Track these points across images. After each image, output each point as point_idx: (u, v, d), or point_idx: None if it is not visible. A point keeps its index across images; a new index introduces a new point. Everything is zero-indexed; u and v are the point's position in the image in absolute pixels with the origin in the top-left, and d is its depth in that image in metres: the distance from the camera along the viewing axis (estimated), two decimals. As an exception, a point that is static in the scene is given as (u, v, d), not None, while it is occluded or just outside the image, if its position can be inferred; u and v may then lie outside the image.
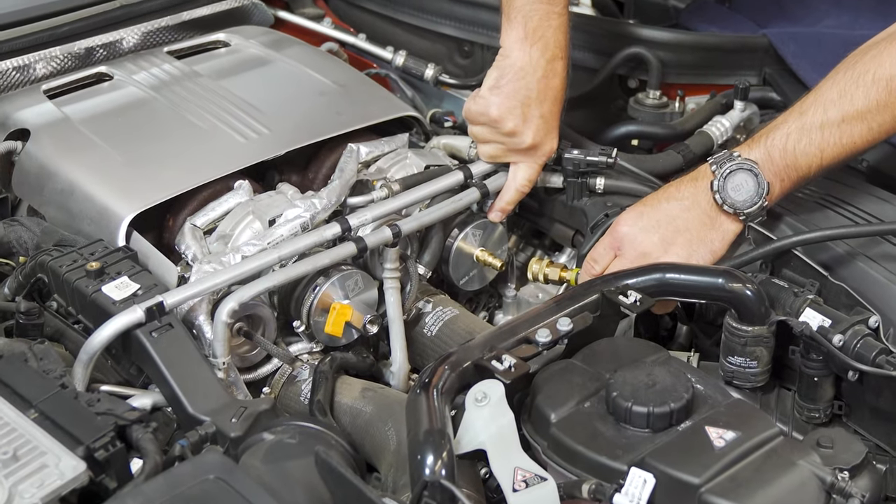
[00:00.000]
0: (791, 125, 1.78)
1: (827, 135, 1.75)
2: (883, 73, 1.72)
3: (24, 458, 1.33)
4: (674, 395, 1.46)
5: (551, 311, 1.66)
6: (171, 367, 1.58)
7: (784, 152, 1.77)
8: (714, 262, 1.81)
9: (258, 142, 2.01)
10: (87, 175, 1.92)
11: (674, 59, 2.36)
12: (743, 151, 1.80)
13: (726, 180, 1.78)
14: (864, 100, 1.73)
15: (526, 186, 2.01)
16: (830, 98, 1.76)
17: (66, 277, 1.68)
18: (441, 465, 1.35)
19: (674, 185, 1.87)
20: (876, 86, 1.72)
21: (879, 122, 1.73)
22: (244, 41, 2.36)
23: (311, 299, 1.79)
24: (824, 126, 1.75)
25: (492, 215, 2.02)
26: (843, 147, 1.76)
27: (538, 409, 1.51)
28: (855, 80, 1.75)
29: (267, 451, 1.43)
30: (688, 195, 1.83)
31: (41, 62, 2.20)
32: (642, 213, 1.84)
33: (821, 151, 1.76)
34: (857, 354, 1.60)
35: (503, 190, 2.01)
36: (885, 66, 1.72)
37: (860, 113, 1.73)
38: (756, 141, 1.81)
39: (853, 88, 1.74)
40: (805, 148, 1.76)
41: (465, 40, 2.53)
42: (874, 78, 1.73)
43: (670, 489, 1.37)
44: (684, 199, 1.83)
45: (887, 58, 1.73)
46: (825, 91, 1.78)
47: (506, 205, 2.01)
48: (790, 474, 1.40)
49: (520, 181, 2.00)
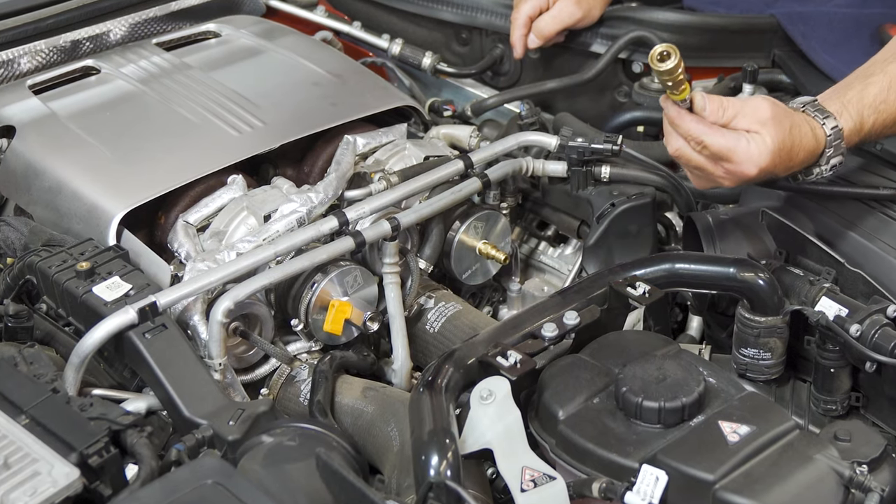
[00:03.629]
0: (881, 80, 1.76)
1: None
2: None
3: (16, 465, 1.33)
4: (685, 390, 1.45)
5: (557, 304, 1.65)
6: (166, 369, 1.58)
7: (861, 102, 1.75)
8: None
9: (251, 135, 2.01)
10: (75, 172, 1.92)
11: (679, 41, 2.33)
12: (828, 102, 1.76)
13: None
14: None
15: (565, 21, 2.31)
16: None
17: (55, 278, 1.68)
18: (446, 466, 1.35)
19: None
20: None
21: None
22: (235, 31, 2.36)
23: (308, 297, 1.79)
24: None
25: (530, 39, 2.32)
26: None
27: (545, 405, 1.51)
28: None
29: (266, 455, 1.43)
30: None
31: (26, 56, 2.20)
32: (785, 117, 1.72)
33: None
34: (874, 345, 1.60)
35: (541, 19, 2.32)
36: None
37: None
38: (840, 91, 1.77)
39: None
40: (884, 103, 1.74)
41: (463, 26, 2.53)
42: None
43: (683, 486, 1.37)
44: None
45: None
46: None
47: (546, 30, 2.32)
48: (807, 469, 1.40)
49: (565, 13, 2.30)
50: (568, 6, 2.33)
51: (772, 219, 1.84)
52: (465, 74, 2.52)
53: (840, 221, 1.83)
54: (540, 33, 2.35)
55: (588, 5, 2.34)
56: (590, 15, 2.36)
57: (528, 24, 2.35)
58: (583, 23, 2.36)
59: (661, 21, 2.35)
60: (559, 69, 2.45)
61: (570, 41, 2.42)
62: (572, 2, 2.33)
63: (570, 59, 2.43)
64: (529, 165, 2.05)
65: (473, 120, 2.40)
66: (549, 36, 2.35)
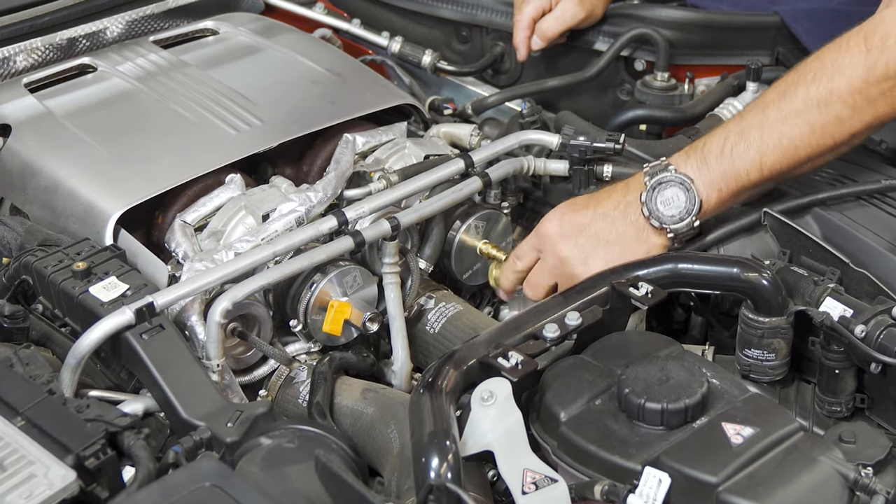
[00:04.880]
0: (730, 129, 1.77)
1: (766, 136, 1.73)
2: (824, 72, 1.70)
3: (11, 467, 1.33)
4: (688, 391, 1.45)
5: (559, 304, 1.65)
6: (163, 370, 1.57)
7: (721, 157, 1.76)
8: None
9: (250, 133, 2.01)
10: (71, 171, 1.92)
11: (682, 38, 2.35)
12: (678, 162, 1.79)
13: (656, 193, 1.77)
14: (804, 98, 1.71)
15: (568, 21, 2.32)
16: (769, 99, 1.76)
17: (51, 279, 1.68)
18: (447, 468, 1.35)
19: (605, 192, 1.86)
20: (816, 83, 1.70)
21: (821, 121, 1.70)
22: (233, 29, 2.36)
23: (307, 297, 1.79)
24: (764, 126, 1.74)
25: (533, 41, 2.31)
26: (783, 150, 1.73)
27: (547, 407, 1.50)
28: (795, 81, 1.73)
29: (265, 457, 1.43)
30: (616, 205, 1.82)
31: (21, 54, 2.20)
32: (570, 218, 1.83)
33: (760, 155, 1.74)
34: (880, 345, 1.60)
35: (544, 21, 2.33)
36: (826, 64, 1.70)
37: (799, 111, 1.71)
38: (693, 148, 1.80)
39: (793, 89, 1.73)
40: (743, 152, 1.75)
41: (463, 24, 2.53)
42: (815, 77, 1.71)
43: (687, 489, 1.37)
44: (612, 210, 1.82)
45: (828, 55, 1.71)
46: (766, 95, 1.78)
47: (549, 31, 2.33)
48: (811, 471, 1.40)
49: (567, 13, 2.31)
50: (571, 6, 2.33)
51: (774, 219, 1.84)
52: (465, 73, 2.52)
53: (844, 221, 1.82)
54: (543, 35, 2.34)
55: (591, 5, 2.34)
56: (593, 14, 2.35)
57: (532, 26, 2.35)
58: (586, 22, 2.36)
59: (664, 18, 2.35)
60: (561, 67, 2.45)
61: (572, 39, 2.42)
62: (575, 2, 2.33)
63: (572, 57, 2.43)
64: (531, 164, 2.05)
65: (474, 118, 2.40)
66: (553, 37, 2.35)
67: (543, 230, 1.85)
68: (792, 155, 1.74)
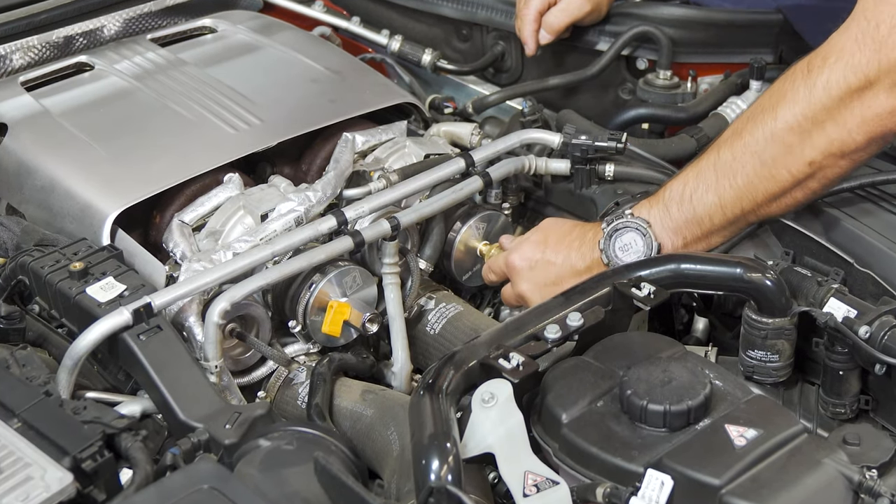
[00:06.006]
0: (689, 174, 1.78)
1: (721, 175, 1.73)
2: (773, 103, 1.69)
3: (8, 470, 1.33)
4: (691, 392, 1.45)
5: (560, 305, 1.65)
6: (161, 371, 1.58)
7: (681, 204, 1.77)
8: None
9: (248, 132, 2.01)
10: (68, 171, 1.92)
11: (685, 36, 2.35)
12: (640, 208, 1.80)
13: (613, 240, 1.79)
14: (754, 132, 1.70)
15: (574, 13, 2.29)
16: (724, 139, 1.76)
17: (48, 279, 1.68)
18: (447, 471, 1.35)
19: (578, 238, 1.86)
20: (765, 115, 1.69)
21: (771, 154, 1.68)
22: (232, 27, 2.36)
23: (306, 297, 1.79)
24: (717, 165, 1.73)
25: (541, 34, 2.30)
26: (738, 189, 1.72)
27: (548, 409, 1.50)
28: (748, 118, 1.73)
29: (263, 459, 1.43)
30: (583, 253, 1.83)
31: (18, 52, 2.20)
32: (540, 257, 1.86)
33: (719, 197, 1.73)
34: (884, 346, 1.60)
35: (550, 13, 2.30)
36: (774, 96, 1.69)
37: (749, 145, 1.70)
38: (655, 197, 1.81)
39: (745, 125, 1.72)
40: (703, 195, 1.75)
41: (463, 22, 2.53)
42: (763, 109, 1.70)
43: (689, 491, 1.37)
44: (579, 259, 1.83)
45: (777, 85, 1.71)
46: (722, 136, 1.78)
47: (556, 24, 2.30)
48: (815, 474, 1.40)
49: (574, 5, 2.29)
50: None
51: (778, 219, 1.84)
52: (465, 71, 2.52)
53: (848, 221, 1.82)
54: (550, 27, 2.34)
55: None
56: (598, 9, 2.35)
57: (539, 20, 2.34)
58: (591, 17, 2.35)
59: (666, 17, 2.35)
60: (562, 66, 2.45)
61: (574, 38, 2.42)
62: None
63: (574, 55, 2.43)
64: (532, 164, 2.05)
65: (475, 117, 2.40)
66: (560, 29, 2.34)
67: (514, 263, 1.88)
68: (750, 194, 1.72)
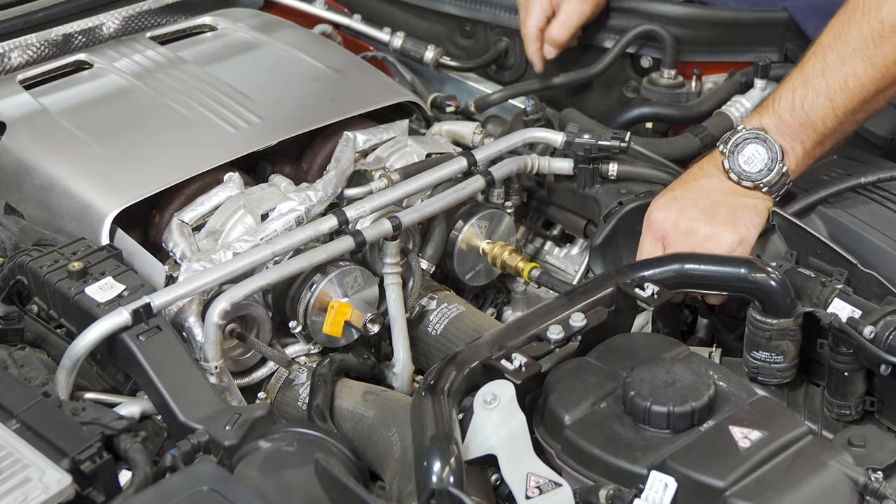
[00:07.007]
0: (795, 81, 1.81)
1: (831, 80, 1.78)
2: (871, 4, 1.74)
3: (6, 471, 1.33)
4: (695, 394, 1.45)
5: (563, 306, 1.65)
6: (160, 372, 1.58)
7: (793, 111, 1.80)
8: (759, 230, 1.83)
9: (249, 131, 2.01)
10: (67, 170, 1.92)
11: (689, 35, 2.35)
12: (751, 120, 1.84)
13: (736, 156, 1.82)
14: (858, 35, 1.75)
15: (575, 22, 2.28)
16: (826, 43, 1.80)
17: (46, 279, 1.68)
18: (449, 472, 1.35)
19: (696, 166, 1.90)
20: (867, 17, 1.74)
21: (880, 55, 1.75)
22: (232, 25, 2.36)
23: (307, 298, 1.79)
24: (826, 71, 1.78)
25: (546, 50, 2.31)
26: (850, 91, 1.77)
27: (551, 410, 1.51)
28: (847, 20, 1.77)
29: (264, 460, 1.43)
30: (714, 171, 1.86)
31: (16, 50, 2.21)
32: (674, 196, 1.86)
33: (830, 101, 1.78)
34: (889, 347, 1.59)
35: (551, 28, 2.29)
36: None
37: (857, 49, 1.76)
38: (764, 107, 1.85)
39: (846, 28, 1.77)
40: (813, 100, 1.79)
41: (466, 19, 2.53)
42: (864, 11, 1.75)
43: (693, 493, 1.37)
44: (712, 175, 1.85)
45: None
46: (821, 39, 1.81)
47: (559, 38, 2.30)
48: (820, 476, 1.40)
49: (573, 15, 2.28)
50: (574, 7, 2.31)
51: (782, 219, 1.84)
52: (468, 68, 2.51)
53: (852, 221, 1.83)
54: (554, 42, 2.33)
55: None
56: (598, 7, 2.35)
57: (540, 37, 2.33)
58: (594, 16, 2.35)
59: (671, 15, 2.35)
60: (566, 64, 2.44)
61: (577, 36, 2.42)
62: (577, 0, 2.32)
63: (577, 53, 2.43)
64: (534, 163, 2.05)
65: (477, 116, 2.39)
66: (564, 42, 2.33)
67: (658, 217, 1.85)
68: (860, 93, 1.78)
